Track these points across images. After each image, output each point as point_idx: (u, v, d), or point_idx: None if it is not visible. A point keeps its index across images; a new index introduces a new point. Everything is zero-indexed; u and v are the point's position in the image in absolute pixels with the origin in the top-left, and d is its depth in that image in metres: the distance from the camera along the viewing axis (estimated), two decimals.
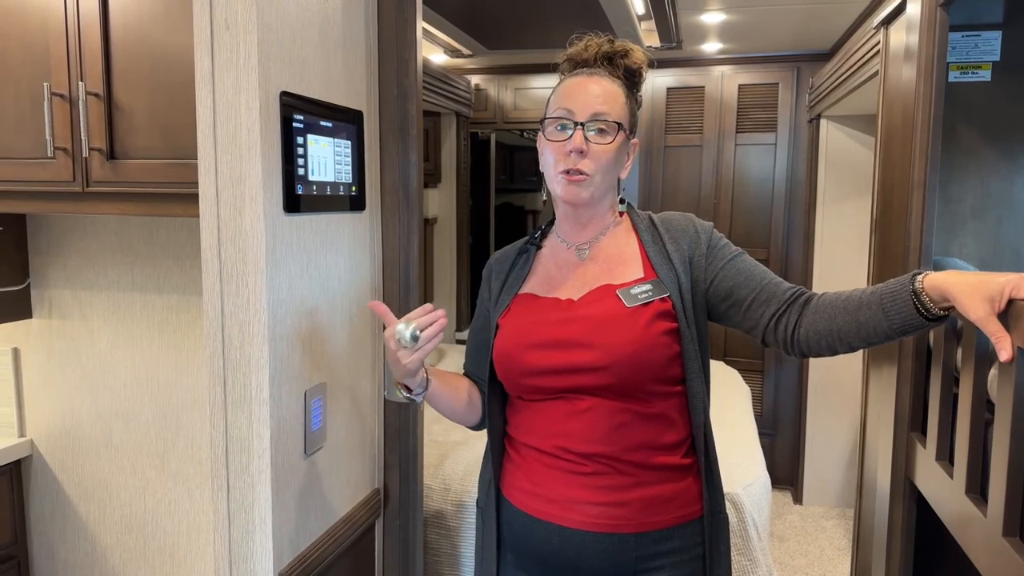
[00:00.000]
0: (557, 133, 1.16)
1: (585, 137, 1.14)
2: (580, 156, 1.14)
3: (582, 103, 1.15)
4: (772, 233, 3.75)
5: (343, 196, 1.39)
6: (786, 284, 1.16)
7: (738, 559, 2.04)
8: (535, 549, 1.17)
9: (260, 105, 1.14)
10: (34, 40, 1.46)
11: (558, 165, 1.16)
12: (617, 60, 1.21)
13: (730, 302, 1.17)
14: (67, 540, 1.94)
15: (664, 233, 1.21)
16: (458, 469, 2.25)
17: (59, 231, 1.87)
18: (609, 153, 1.15)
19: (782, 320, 1.13)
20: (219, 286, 1.20)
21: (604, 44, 1.21)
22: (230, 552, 1.24)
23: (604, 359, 1.10)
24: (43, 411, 1.93)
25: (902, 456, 1.73)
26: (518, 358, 1.17)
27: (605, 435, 1.12)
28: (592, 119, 1.14)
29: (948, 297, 0.96)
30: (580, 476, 1.14)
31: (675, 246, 1.19)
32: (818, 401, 3.63)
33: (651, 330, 1.11)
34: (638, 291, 1.15)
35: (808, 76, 3.61)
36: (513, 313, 1.22)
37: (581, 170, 1.14)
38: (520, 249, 1.30)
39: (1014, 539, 1.10)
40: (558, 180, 1.16)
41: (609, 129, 1.15)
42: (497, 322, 1.22)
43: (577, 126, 1.14)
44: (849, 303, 1.06)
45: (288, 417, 1.25)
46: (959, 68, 1.83)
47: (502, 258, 1.32)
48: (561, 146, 1.15)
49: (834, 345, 1.08)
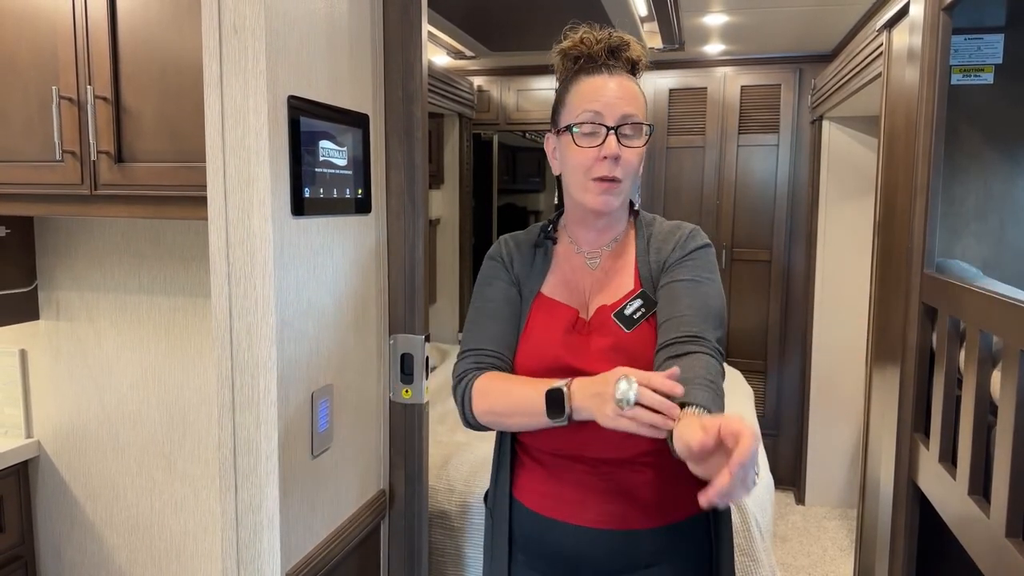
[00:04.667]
0: (587, 139, 1.12)
1: (618, 141, 1.10)
2: (616, 163, 1.10)
3: (609, 105, 1.11)
4: (774, 234, 3.76)
5: (349, 199, 1.40)
6: (686, 329, 1.06)
7: (741, 559, 2.04)
8: (548, 548, 1.18)
9: (268, 109, 1.14)
10: (43, 44, 1.47)
11: (591, 172, 1.12)
12: (620, 53, 1.16)
13: (659, 317, 1.12)
14: (74, 540, 1.95)
15: (652, 240, 1.20)
16: (462, 470, 2.26)
17: (66, 233, 1.88)
18: (639, 156, 1.12)
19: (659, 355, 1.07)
20: (227, 288, 1.21)
21: (605, 38, 1.16)
22: (238, 552, 1.25)
23: None
24: (50, 412, 1.94)
25: (905, 457, 1.73)
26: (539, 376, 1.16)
27: (618, 443, 1.12)
28: (621, 122, 1.11)
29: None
30: (593, 478, 1.15)
31: (657, 256, 1.18)
32: (820, 402, 3.63)
33: (653, 345, 1.11)
34: (631, 310, 1.13)
35: (810, 77, 3.61)
36: (535, 320, 1.20)
37: (615, 177, 1.10)
38: (536, 241, 1.27)
39: (1017, 540, 1.11)
40: (590, 187, 1.12)
41: (638, 131, 1.12)
42: (520, 334, 1.21)
43: (609, 131, 1.10)
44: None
45: (295, 418, 1.26)
46: (961, 71, 1.84)
47: (519, 247, 1.27)
48: (593, 152, 1.11)
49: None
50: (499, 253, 1.28)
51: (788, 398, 3.86)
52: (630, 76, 1.17)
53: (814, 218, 3.60)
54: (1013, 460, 1.09)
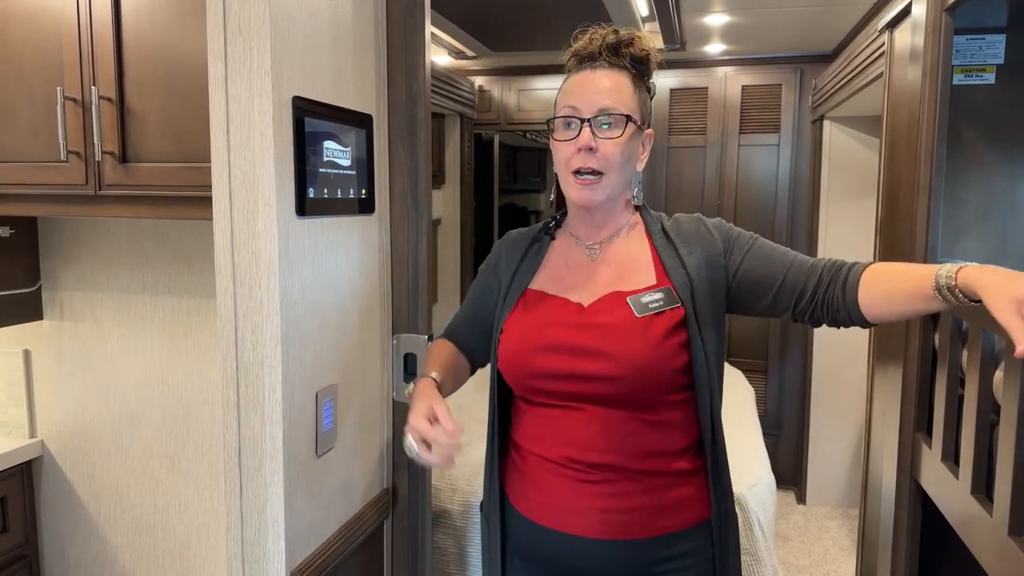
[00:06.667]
0: (564, 131, 1.14)
1: (593, 133, 1.11)
2: (591, 154, 1.11)
3: (587, 99, 1.12)
4: (775, 234, 3.76)
5: (353, 199, 1.40)
6: (809, 259, 1.15)
7: (744, 559, 2.05)
8: (545, 557, 1.17)
9: (273, 109, 1.15)
10: (47, 45, 1.47)
11: (569, 165, 1.13)
12: (623, 50, 1.17)
13: (760, 290, 1.15)
14: (77, 540, 1.96)
15: (676, 238, 1.19)
16: (464, 469, 2.26)
17: (70, 234, 1.88)
18: (620, 147, 1.12)
19: (828, 292, 1.11)
20: (232, 288, 1.21)
21: (609, 35, 1.17)
22: (243, 551, 1.26)
23: (614, 370, 1.09)
24: (54, 412, 1.94)
25: (907, 456, 1.74)
26: (528, 360, 1.15)
27: (612, 444, 1.11)
28: (599, 114, 1.11)
29: (979, 295, 0.93)
30: (588, 484, 1.13)
31: (688, 250, 1.17)
32: (822, 401, 3.64)
33: (662, 342, 1.09)
34: (649, 299, 1.12)
35: (811, 77, 3.62)
36: (521, 313, 1.20)
37: (593, 168, 1.11)
38: (534, 237, 1.28)
39: (1020, 539, 1.11)
40: (571, 181, 1.14)
41: (617, 123, 1.12)
42: (503, 326, 1.21)
43: (584, 123, 1.11)
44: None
45: (300, 418, 1.27)
46: (963, 71, 1.84)
47: (515, 243, 1.30)
48: (569, 145, 1.12)
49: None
50: (497, 249, 1.34)
51: (789, 397, 3.86)
52: (620, 70, 1.16)
53: (815, 218, 3.60)
54: (1016, 459, 1.09)
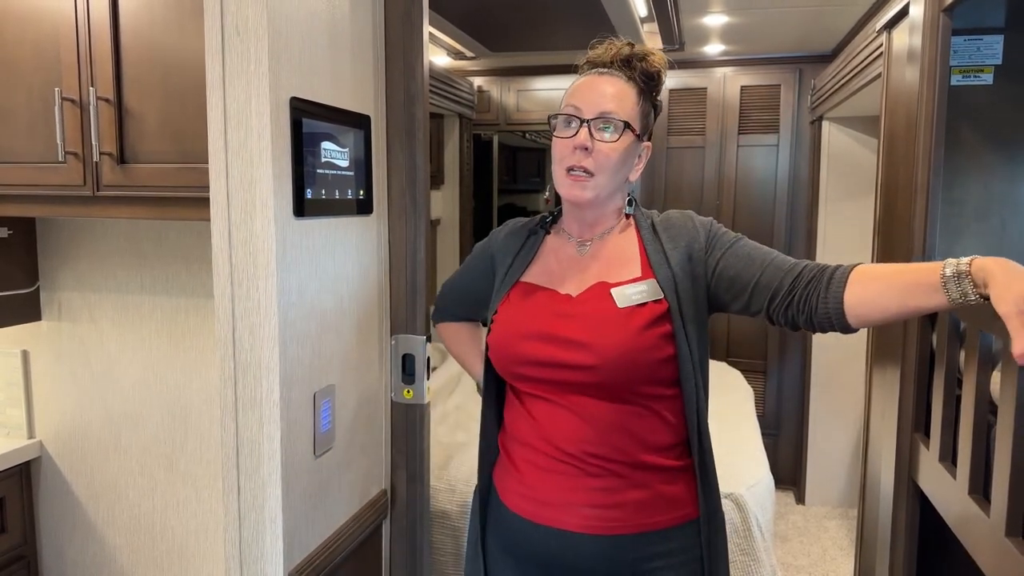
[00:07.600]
0: (563, 129, 1.16)
1: (591, 134, 1.13)
2: (585, 153, 1.13)
3: (591, 101, 1.15)
4: (774, 234, 3.76)
5: (351, 200, 1.40)
6: (793, 260, 1.13)
7: (742, 559, 2.05)
8: (532, 552, 1.18)
9: (271, 110, 1.15)
10: (45, 45, 1.47)
11: (563, 161, 1.16)
12: (635, 63, 1.20)
13: (736, 288, 1.15)
14: (76, 541, 1.96)
15: (663, 233, 1.21)
16: (463, 470, 2.27)
17: (68, 234, 1.88)
18: (615, 152, 1.14)
19: (807, 290, 1.08)
20: (230, 289, 1.21)
21: (624, 47, 1.21)
22: (240, 552, 1.26)
23: (593, 359, 1.11)
24: (52, 413, 1.94)
25: (905, 456, 1.74)
26: (513, 346, 1.18)
27: (596, 435, 1.12)
28: (599, 117, 1.14)
29: (988, 285, 0.91)
30: (574, 479, 1.14)
31: (673, 245, 1.19)
32: (820, 401, 3.64)
33: (643, 332, 1.11)
34: (632, 291, 1.14)
35: (810, 78, 3.62)
36: (511, 302, 1.23)
37: (585, 168, 1.14)
38: (530, 230, 1.31)
39: (1017, 539, 1.11)
40: (563, 178, 1.17)
41: (615, 128, 1.14)
42: (494, 316, 1.24)
43: (583, 123, 1.14)
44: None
45: (298, 419, 1.27)
46: (961, 72, 1.84)
47: (511, 235, 1.33)
48: (566, 142, 1.15)
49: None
50: (495, 237, 1.37)
51: (788, 398, 3.86)
52: (628, 80, 1.19)
53: (814, 218, 3.60)
54: (1013, 459, 1.09)
